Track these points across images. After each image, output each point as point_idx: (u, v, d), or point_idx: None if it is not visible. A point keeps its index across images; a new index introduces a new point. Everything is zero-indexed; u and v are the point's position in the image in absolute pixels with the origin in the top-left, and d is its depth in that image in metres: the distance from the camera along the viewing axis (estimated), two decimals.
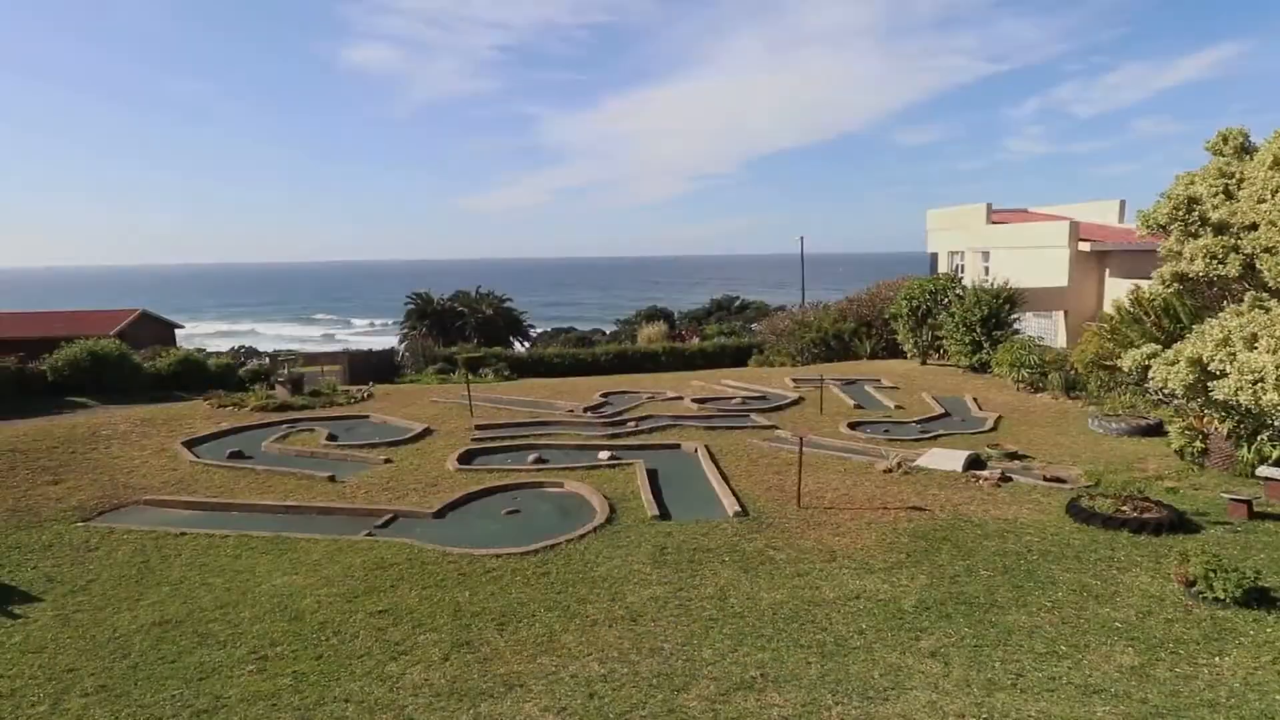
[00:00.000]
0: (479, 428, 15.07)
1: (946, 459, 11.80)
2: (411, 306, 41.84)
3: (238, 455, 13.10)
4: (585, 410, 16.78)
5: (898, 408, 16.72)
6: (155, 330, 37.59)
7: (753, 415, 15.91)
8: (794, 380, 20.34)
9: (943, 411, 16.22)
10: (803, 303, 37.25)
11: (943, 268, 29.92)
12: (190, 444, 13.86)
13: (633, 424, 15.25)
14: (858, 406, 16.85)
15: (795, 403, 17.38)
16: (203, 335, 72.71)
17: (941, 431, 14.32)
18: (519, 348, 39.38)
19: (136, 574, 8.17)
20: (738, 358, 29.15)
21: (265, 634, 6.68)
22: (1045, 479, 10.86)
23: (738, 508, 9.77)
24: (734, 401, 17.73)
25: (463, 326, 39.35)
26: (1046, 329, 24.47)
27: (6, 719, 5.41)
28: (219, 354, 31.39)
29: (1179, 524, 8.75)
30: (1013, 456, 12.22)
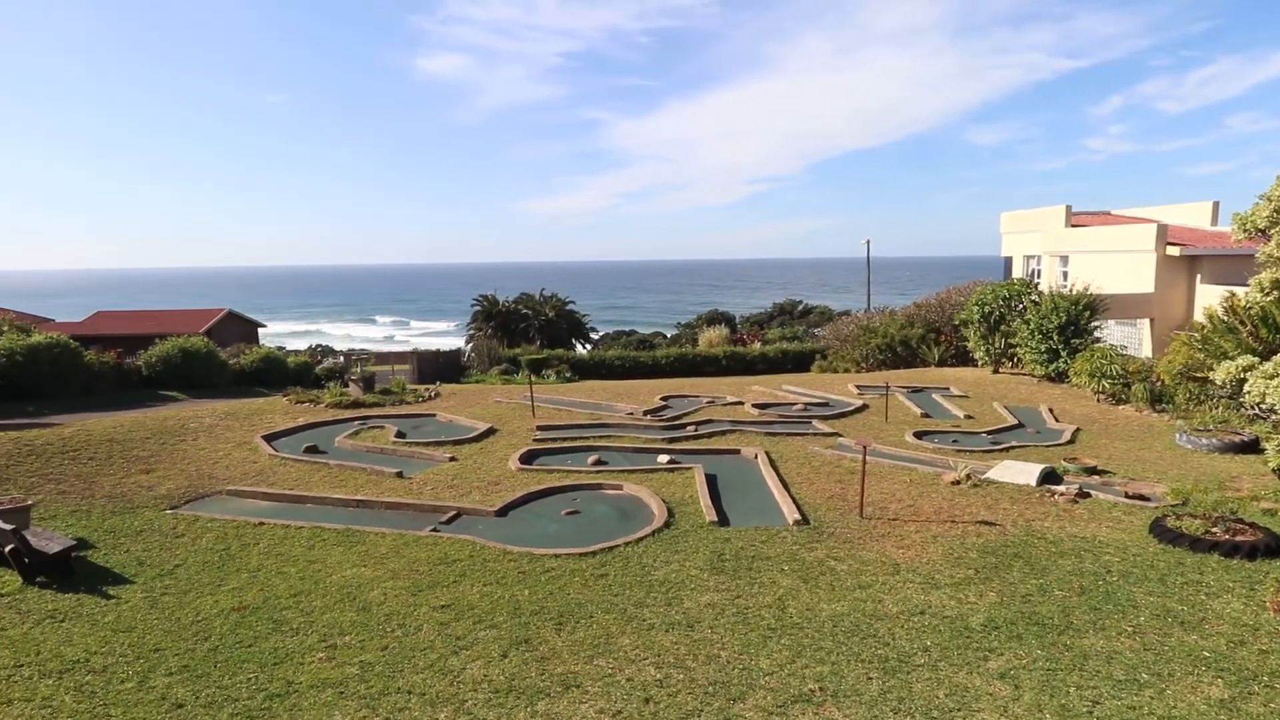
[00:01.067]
0: (540, 428, 15.29)
1: (1019, 472, 11.34)
2: (478, 308, 42.76)
3: (313, 450, 13.66)
4: (645, 413, 16.83)
5: (967, 417, 16.17)
6: (240, 329, 39.64)
7: (814, 422, 15.65)
8: (858, 387, 19.92)
9: (1016, 422, 15.60)
10: (868, 307, 36.47)
11: (1017, 272, 28.79)
12: (269, 438, 14.52)
13: (692, 428, 15.21)
14: (925, 415, 16.37)
15: (859, 410, 17.01)
16: (282, 334, 76.10)
17: (1014, 443, 13.77)
18: (581, 350, 39.77)
19: (218, 560, 8.61)
20: (800, 363, 28.74)
21: (335, 623, 6.93)
22: (1127, 496, 10.31)
23: (798, 516, 9.63)
24: (795, 407, 17.48)
25: (526, 328, 39.99)
26: (1130, 338, 23.25)
27: (99, 694, 5.78)
28: (297, 352, 32.81)
29: (1277, 549, 8.18)
30: (1091, 471, 11.65)
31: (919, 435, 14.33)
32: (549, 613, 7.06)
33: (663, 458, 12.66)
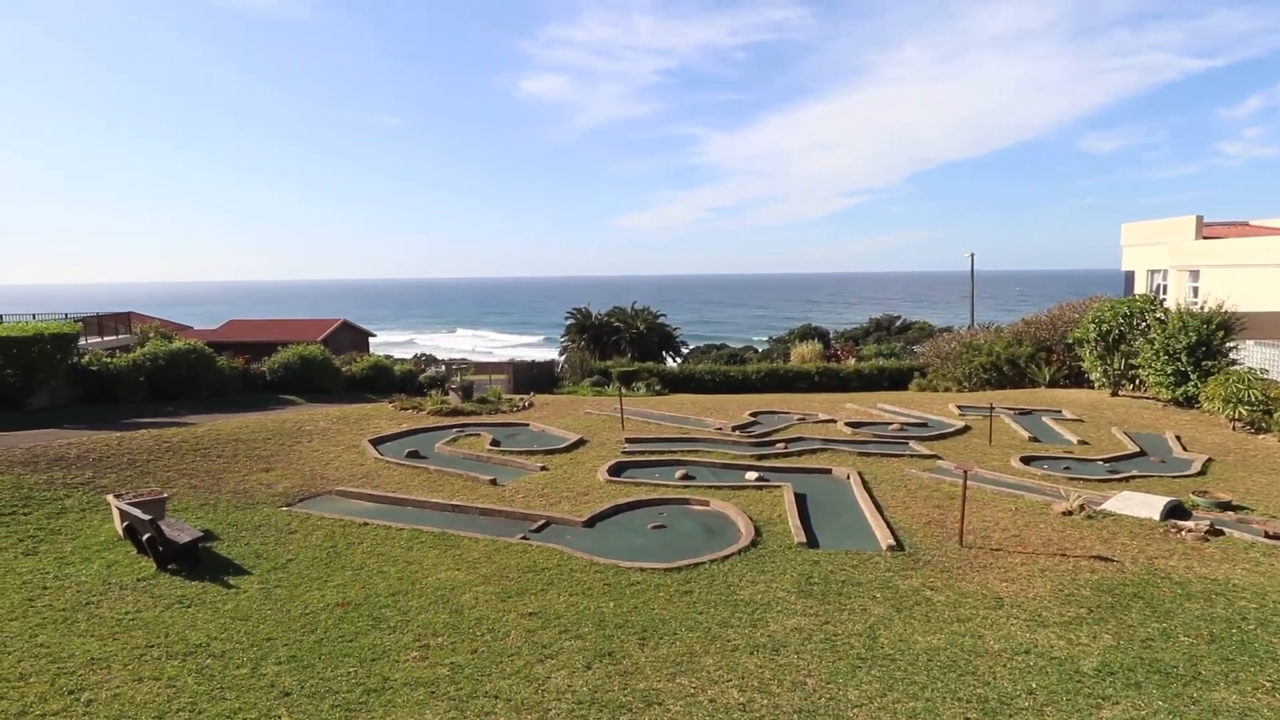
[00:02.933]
0: (629, 441, 15.42)
1: (1140, 504, 10.49)
2: (571, 321, 43.69)
3: (414, 455, 14.31)
4: (734, 429, 16.67)
5: (1081, 443, 15.11)
6: (353, 337, 42.13)
7: (912, 443, 15.04)
8: (959, 407, 19.01)
9: (1137, 450, 14.46)
10: (972, 324, 34.80)
11: (1140, 288, 26.78)
12: (375, 442, 15.32)
13: (782, 445, 14.94)
14: (1033, 439, 15.43)
15: (960, 431, 16.23)
16: (388, 344, 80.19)
17: (1135, 473, 12.76)
18: (671, 363, 39.88)
19: (326, 557, 9.14)
20: (896, 381, 27.73)
21: (429, 624, 7.21)
22: (1267, 536, 9.34)
23: (892, 541, 9.27)
24: (891, 427, 16.86)
25: (618, 341, 40.49)
26: (1271, 360, 21.14)
27: (216, 677, 6.24)
28: (403, 360, 34.48)
29: None
30: (1225, 507, 10.63)
31: (1026, 460, 13.51)
32: (633, 627, 7.08)
33: (751, 475, 12.50)
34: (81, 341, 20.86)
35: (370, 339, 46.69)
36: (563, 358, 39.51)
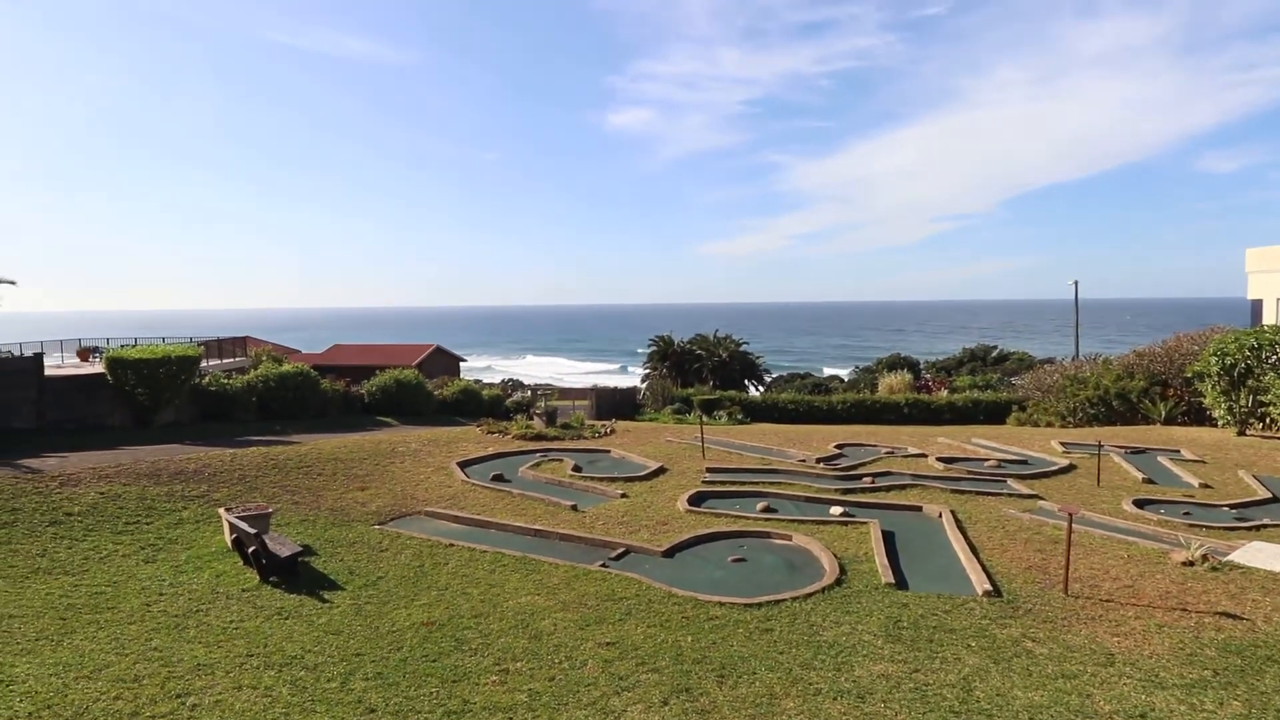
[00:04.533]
0: (710, 470, 15.27)
1: (1273, 557, 9.51)
2: (654, 348, 43.94)
3: (499, 478, 14.65)
4: (818, 461, 16.25)
5: (1203, 486, 13.89)
6: (445, 362, 43.81)
7: (1010, 481, 14.22)
8: (1063, 444, 17.88)
9: (1269, 496, 13.15)
10: (1076, 355, 32.82)
11: (1269, 318, 24.58)
12: (463, 465, 15.79)
13: (869, 480, 14.43)
14: (1148, 481, 14.30)
15: (1065, 470, 15.24)
16: (477, 369, 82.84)
17: (1267, 521, 11.59)
18: (753, 391, 39.39)
19: (413, 576, 9.44)
20: (993, 414, 26.38)
21: (508, 648, 7.30)
22: None
23: (988, 586, 8.74)
24: (988, 464, 16.02)
25: (700, 369, 40.38)
26: None
27: (308, 689, 6.50)
28: (491, 385, 35.56)
29: None
30: None
31: (1140, 504, 12.51)
32: (711, 663, 6.94)
33: (836, 509, 12.12)
34: (203, 364, 22.56)
35: (461, 364, 48.40)
36: (644, 385, 39.72)
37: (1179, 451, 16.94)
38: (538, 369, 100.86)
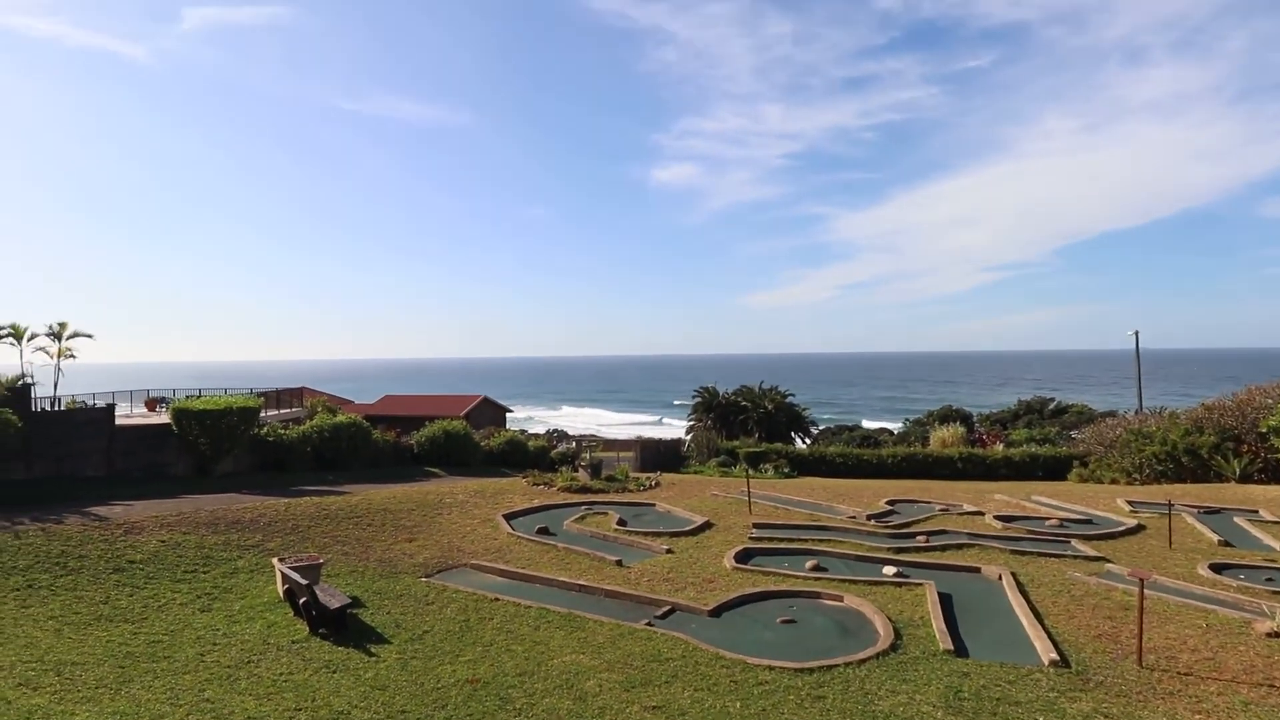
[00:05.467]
0: (757, 526, 14.99)
1: None
2: (698, 399, 43.77)
3: (544, 531, 14.63)
4: (869, 517, 15.82)
5: None
6: (492, 413, 44.37)
7: (1074, 542, 13.59)
8: (1130, 503, 17.05)
9: None
10: (1139, 408, 31.54)
11: None
12: (509, 517, 15.84)
13: (923, 538, 13.96)
14: (1224, 543, 13.49)
15: (1133, 531, 14.50)
16: (521, 419, 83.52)
17: None
18: (800, 444, 38.76)
19: (459, 630, 9.42)
20: (1053, 470, 25.38)
21: (553, 709, 7.18)
22: None
23: (1055, 655, 8.29)
24: (1049, 523, 15.37)
25: (745, 420, 40.00)
26: None
27: None
28: (536, 436, 35.82)
29: None
30: None
31: (1217, 569, 11.79)
32: None
33: (889, 569, 11.73)
34: (262, 414, 23.33)
35: (508, 414, 48.94)
36: (689, 437, 39.48)
37: (1257, 512, 15.99)
38: (575, 420, 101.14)
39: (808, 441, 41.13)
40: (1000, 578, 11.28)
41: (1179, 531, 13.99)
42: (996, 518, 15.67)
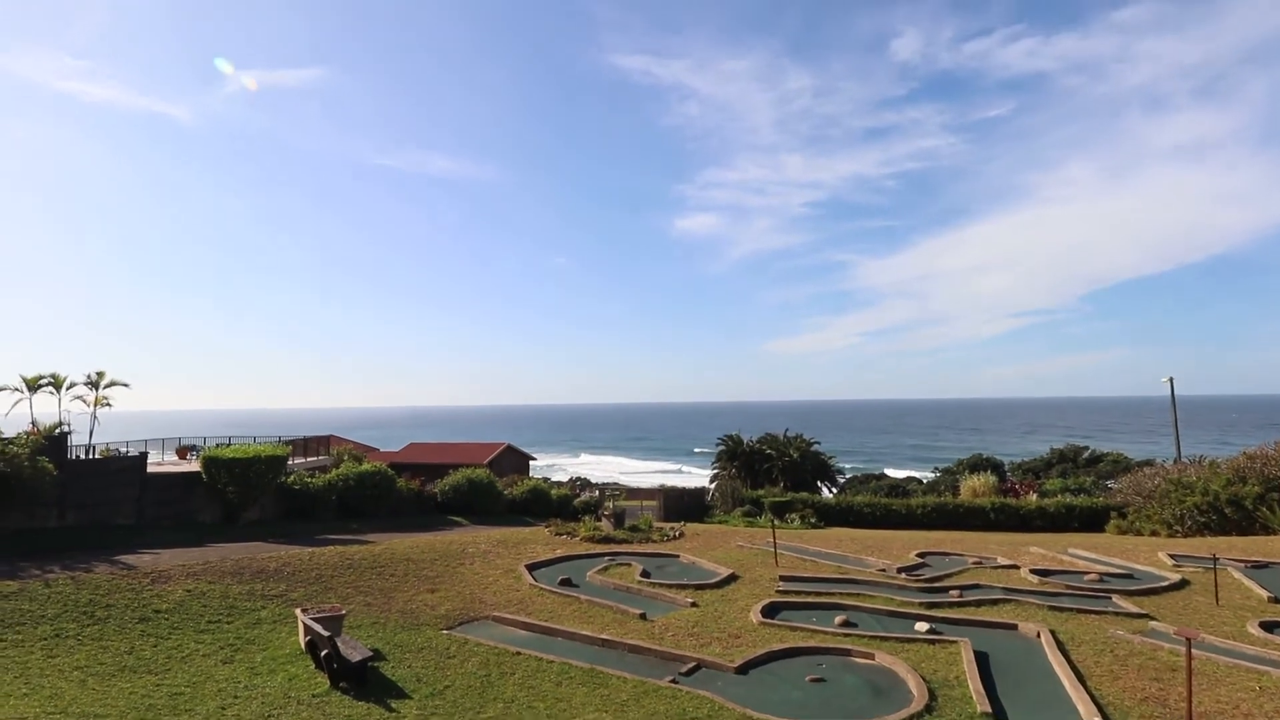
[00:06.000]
0: (784, 579, 14.67)
1: None
2: (722, 448, 43.35)
3: (566, 582, 14.45)
4: (899, 570, 15.42)
5: None
6: (515, 461, 44.33)
7: (1115, 598, 13.09)
8: (1172, 556, 16.44)
9: None
10: (1178, 457, 30.64)
11: None
12: (531, 567, 15.68)
13: (956, 593, 13.55)
14: (1275, 600, 12.91)
15: (1177, 586, 13.94)
16: (544, 466, 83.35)
17: None
18: (826, 493, 38.08)
19: (480, 686, 9.26)
20: (1089, 521, 24.65)
21: None
22: None
23: (1099, 719, 7.92)
24: (1088, 577, 14.84)
25: (770, 469, 39.47)
26: None
27: None
28: (559, 484, 35.65)
29: None
30: None
31: (1268, 627, 11.26)
32: None
33: (921, 625, 11.37)
34: (289, 462, 23.53)
35: (531, 462, 48.86)
36: (713, 486, 39.05)
37: None
38: (597, 468, 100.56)
39: (834, 491, 40.40)
40: (1039, 635, 10.87)
41: (1226, 587, 13.42)
42: (1033, 572, 15.18)
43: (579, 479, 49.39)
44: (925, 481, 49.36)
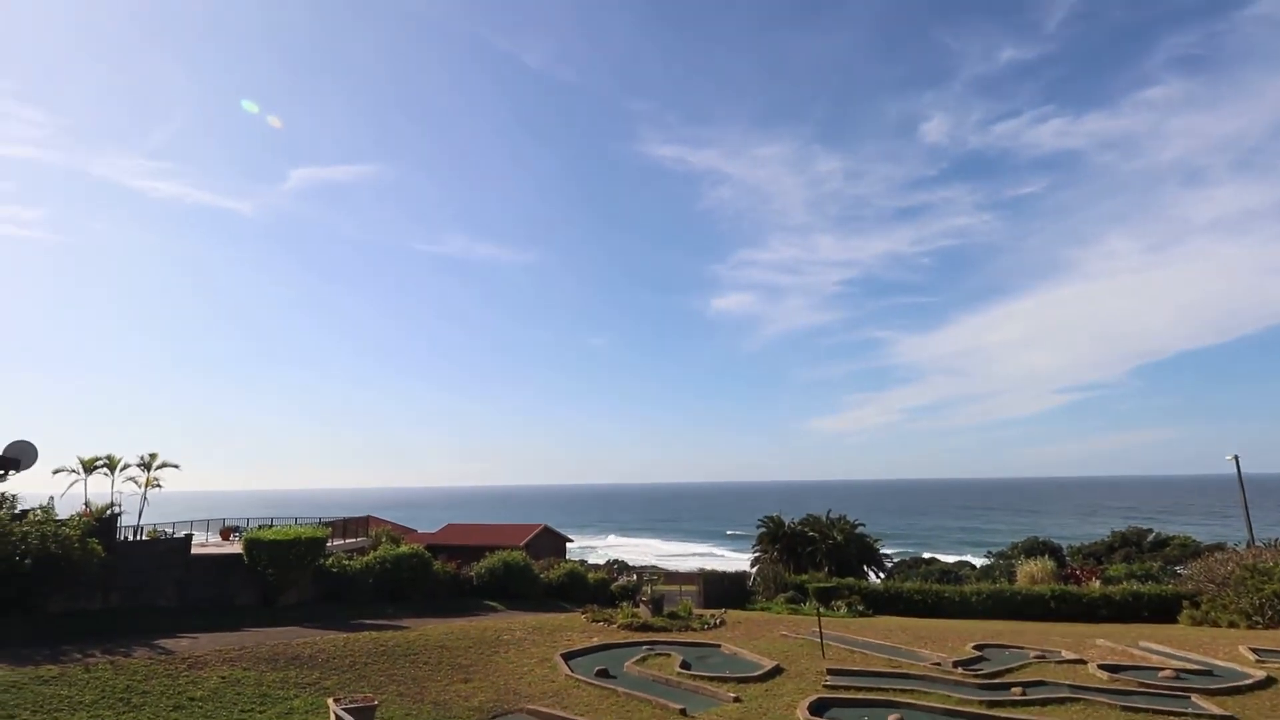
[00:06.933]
0: (831, 672, 13.96)
1: None
2: (762, 529, 42.30)
3: (604, 673, 13.96)
4: (955, 664, 14.57)
5: None
6: (552, 543, 43.77)
7: (1195, 697, 12.12)
8: (1254, 651, 15.26)
9: None
10: (1251, 540, 28.82)
11: None
12: (567, 656, 15.22)
13: (1018, 690, 12.70)
14: None
15: (1262, 684, 12.88)
16: (581, 548, 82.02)
17: None
18: (873, 579, 36.61)
19: None
20: (1160, 611, 23.13)
21: None
22: None
23: None
24: (1162, 674, 13.82)
25: (813, 553, 38.25)
26: None
27: None
28: (596, 567, 34.95)
29: None
30: None
31: None
32: None
33: None
34: (329, 543, 23.61)
35: (568, 544, 48.16)
36: (754, 570, 37.89)
37: None
38: (630, 550, 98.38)
39: (881, 576, 38.83)
40: None
41: None
42: (1101, 667, 14.19)
43: (616, 562, 48.41)
44: (978, 567, 47.18)
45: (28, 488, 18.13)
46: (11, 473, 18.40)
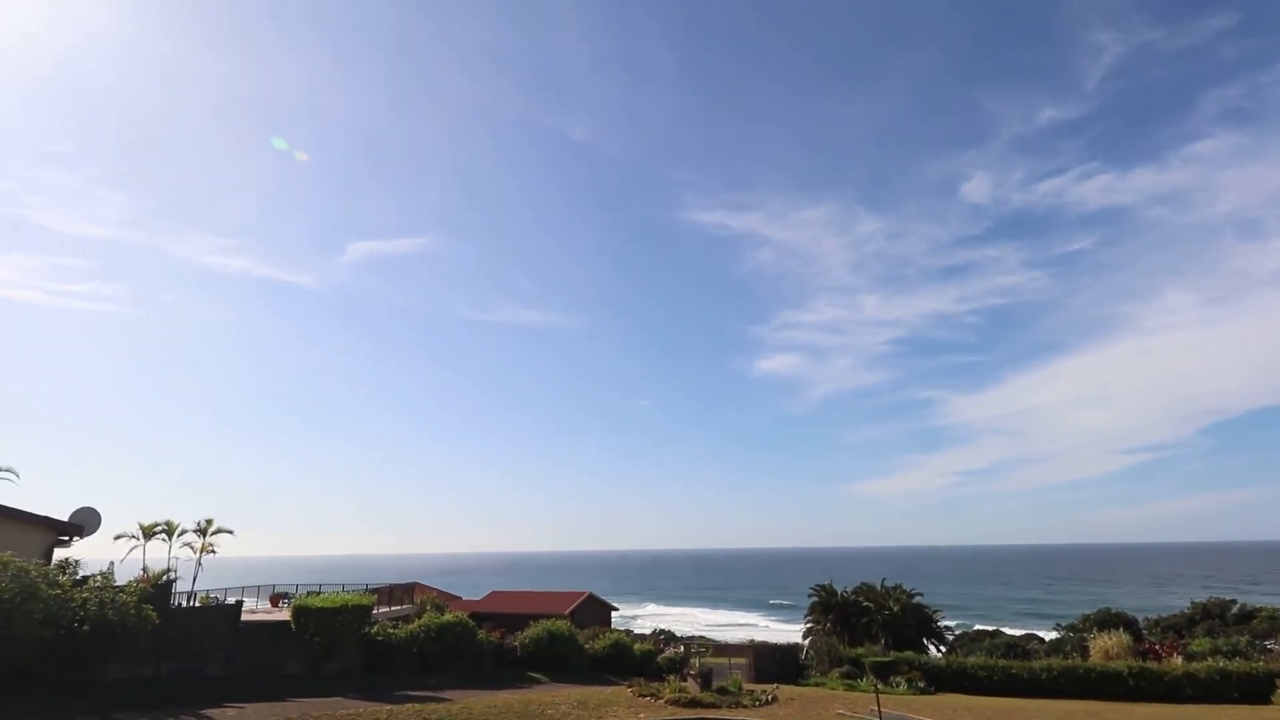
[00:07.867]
0: None
1: None
2: (814, 599, 40.79)
3: None
4: None
5: None
6: (597, 611, 42.92)
7: None
8: None
9: None
10: None
11: None
12: None
13: None
14: None
15: None
16: (626, 617, 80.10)
17: None
18: (933, 652, 34.76)
19: None
20: (1252, 690, 21.37)
21: None
22: None
23: None
24: None
25: (869, 624, 36.61)
26: None
27: None
28: (642, 638, 34.06)
29: None
30: None
31: None
32: None
33: None
34: (375, 610, 23.56)
35: (613, 612, 47.13)
36: (806, 642, 36.41)
37: None
38: (672, 620, 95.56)
39: (942, 650, 36.86)
40: None
41: None
42: None
43: (663, 632, 47.17)
44: (1047, 640, 44.44)
45: (91, 553, 18.67)
46: (75, 538, 19.00)
